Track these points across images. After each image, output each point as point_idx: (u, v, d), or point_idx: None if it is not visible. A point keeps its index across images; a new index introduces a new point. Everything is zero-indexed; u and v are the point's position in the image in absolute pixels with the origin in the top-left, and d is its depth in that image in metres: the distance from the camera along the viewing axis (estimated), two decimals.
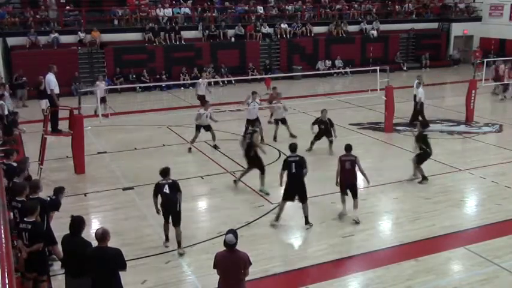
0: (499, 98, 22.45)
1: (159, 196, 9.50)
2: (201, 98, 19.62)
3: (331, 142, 15.37)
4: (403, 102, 20.46)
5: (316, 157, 15.12)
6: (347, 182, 10.78)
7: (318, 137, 15.58)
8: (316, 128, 15.58)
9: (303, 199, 10.44)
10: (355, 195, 10.75)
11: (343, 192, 10.85)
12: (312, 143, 15.61)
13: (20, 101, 22.67)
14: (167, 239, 9.85)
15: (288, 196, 10.45)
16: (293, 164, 10.36)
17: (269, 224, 10.69)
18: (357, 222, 10.60)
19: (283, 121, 17.03)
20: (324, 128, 15.42)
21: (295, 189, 10.40)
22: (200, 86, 20.19)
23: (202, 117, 15.63)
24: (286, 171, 10.42)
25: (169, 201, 9.38)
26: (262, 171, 12.44)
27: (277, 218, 10.59)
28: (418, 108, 18.45)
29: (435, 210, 11.37)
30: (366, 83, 20.61)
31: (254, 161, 12.48)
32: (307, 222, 10.53)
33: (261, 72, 28.59)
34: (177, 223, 9.47)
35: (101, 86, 19.40)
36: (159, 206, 9.55)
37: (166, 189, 9.44)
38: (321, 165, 14.36)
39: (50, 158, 14.60)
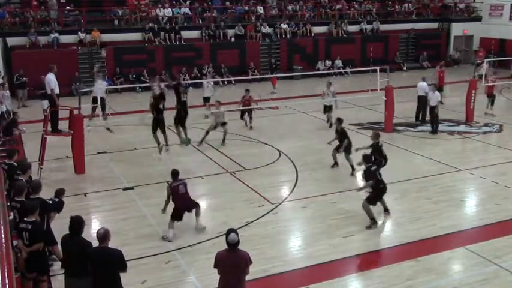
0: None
1: None
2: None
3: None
4: (403, 102, 20.46)
5: (316, 157, 15.13)
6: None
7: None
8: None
9: None
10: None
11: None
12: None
13: (20, 101, 22.66)
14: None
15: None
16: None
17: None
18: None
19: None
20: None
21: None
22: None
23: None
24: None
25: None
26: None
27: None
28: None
29: (435, 210, 11.38)
30: (366, 83, 20.60)
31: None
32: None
33: (265, 71, 28.70)
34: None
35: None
36: None
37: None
38: (321, 165, 14.38)
39: (50, 158, 14.59)
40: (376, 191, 10.55)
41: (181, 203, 10.17)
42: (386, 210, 11.08)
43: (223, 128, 16.34)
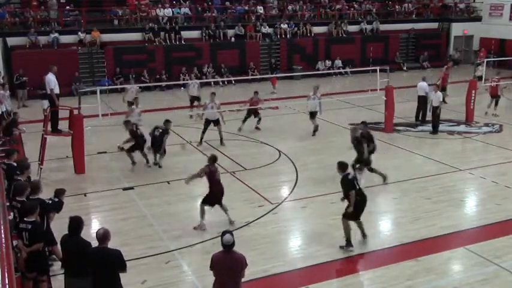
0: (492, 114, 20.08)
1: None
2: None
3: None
4: (403, 102, 20.46)
5: (316, 157, 15.14)
6: None
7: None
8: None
9: None
10: None
11: None
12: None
13: (20, 101, 22.66)
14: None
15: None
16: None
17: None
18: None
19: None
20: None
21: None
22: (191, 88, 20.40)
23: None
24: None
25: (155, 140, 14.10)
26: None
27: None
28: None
29: (435, 210, 11.38)
30: (366, 83, 20.62)
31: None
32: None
33: (265, 71, 28.74)
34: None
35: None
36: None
37: (156, 133, 14.17)
38: (321, 165, 14.38)
39: (50, 158, 14.60)
40: (354, 203, 9.43)
41: (216, 188, 10.43)
42: (363, 236, 9.89)
43: (217, 128, 16.22)
